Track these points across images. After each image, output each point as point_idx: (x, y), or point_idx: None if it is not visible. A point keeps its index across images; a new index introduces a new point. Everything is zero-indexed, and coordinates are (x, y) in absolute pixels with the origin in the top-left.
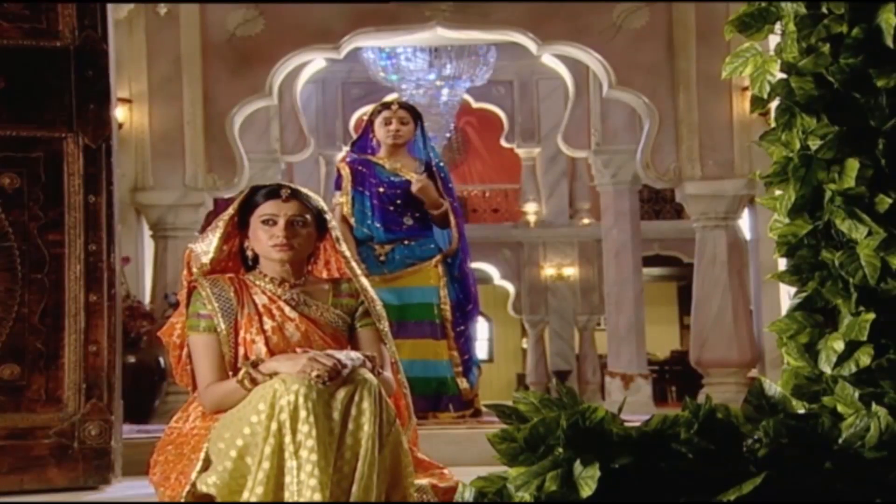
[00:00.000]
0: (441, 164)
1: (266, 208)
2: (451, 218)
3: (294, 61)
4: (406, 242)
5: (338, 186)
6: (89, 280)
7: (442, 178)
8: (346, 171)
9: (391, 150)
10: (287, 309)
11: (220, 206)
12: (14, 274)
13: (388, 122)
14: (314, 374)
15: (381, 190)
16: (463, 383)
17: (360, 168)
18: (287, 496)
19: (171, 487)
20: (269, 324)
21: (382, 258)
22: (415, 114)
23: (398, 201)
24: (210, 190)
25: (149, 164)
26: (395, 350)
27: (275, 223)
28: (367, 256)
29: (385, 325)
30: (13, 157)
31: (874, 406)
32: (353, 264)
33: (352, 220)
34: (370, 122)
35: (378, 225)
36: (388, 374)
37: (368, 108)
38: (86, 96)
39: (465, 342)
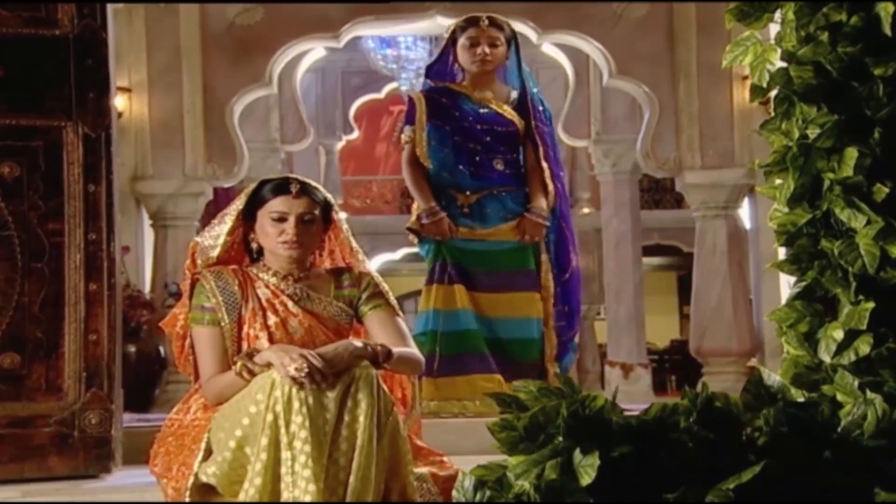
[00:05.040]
0: (540, 96)
1: (276, 205)
2: (546, 168)
3: (294, 50)
4: (496, 192)
5: (409, 120)
6: (89, 269)
7: (538, 114)
8: (421, 102)
9: (477, 77)
10: (290, 304)
11: (219, 195)
12: (14, 263)
13: (474, 44)
14: (291, 368)
15: (466, 125)
16: (554, 367)
17: (439, 98)
18: (283, 487)
19: (175, 479)
20: (272, 319)
21: (466, 209)
22: (507, 33)
23: (487, 139)
24: (210, 179)
25: (148, 153)
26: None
27: (285, 220)
28: (447, 205)
29: (395, 303)
30: (13, 146)
31: (868, 393)
32: (360, 255)
33: (427, 163)
34: (452, 42)
35: (463, 168)
36: (406, 350)
37: (369, 96)
38: (85, 85)
39: (564, 319)
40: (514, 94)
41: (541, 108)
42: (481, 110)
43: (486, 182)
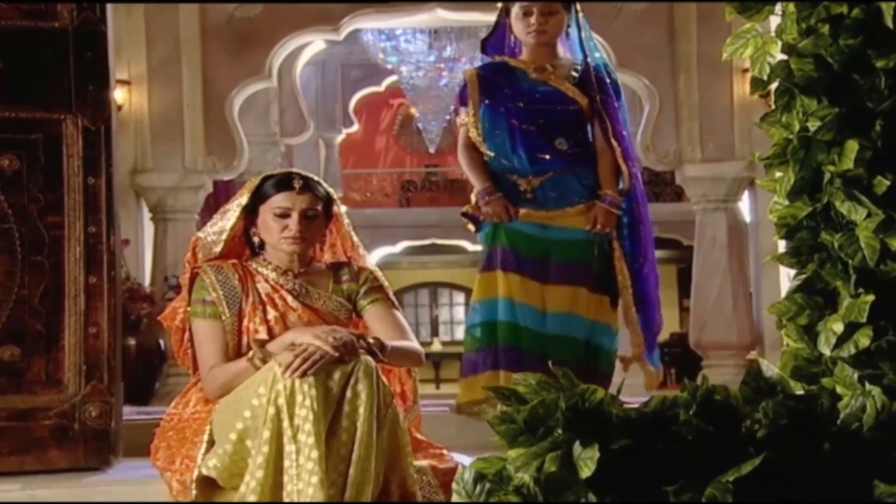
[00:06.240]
0: (607, 67)
1: (279, 201)
2: (617, 146)
3: (293, 43)
4: (561, 173)
5: (462, 101)
6: (89, 262)
7: (604, 87)
8: (473, 82)
9: (534, 50)
10: (290, 299)
11: (219, 188)
12: (14, 256)
13: (527, 13)
14: (331, 339)
15: (521, 105)
16: (646, 366)
17: (492, 75)
18: (286, 480)
19: (179, 471)
20: (272, 313)
21: (529, 195)
22: None
23: (543, 121)
24: (210, 172)
25: (148, 146)
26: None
27: (288, 216)
28: (508, 190)
29: (394, 297)
30: (12, 138)
31: (867, 385)
32: (361, 249)
33: (483, 147)
34: (505, 12)
35: (521, 153)
36: (404, 343)
37: (369, 90)
38: (85, 78)
39: (643, 310)
40: (578, 67)
41: (607, 80)
42: (539, 88)
43: (548, 165)
